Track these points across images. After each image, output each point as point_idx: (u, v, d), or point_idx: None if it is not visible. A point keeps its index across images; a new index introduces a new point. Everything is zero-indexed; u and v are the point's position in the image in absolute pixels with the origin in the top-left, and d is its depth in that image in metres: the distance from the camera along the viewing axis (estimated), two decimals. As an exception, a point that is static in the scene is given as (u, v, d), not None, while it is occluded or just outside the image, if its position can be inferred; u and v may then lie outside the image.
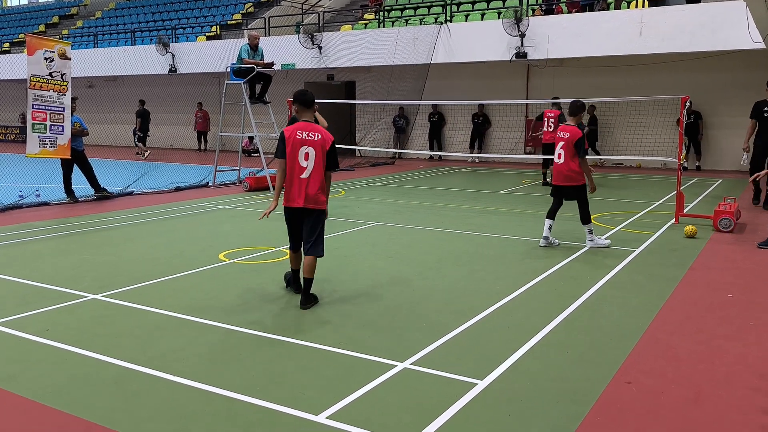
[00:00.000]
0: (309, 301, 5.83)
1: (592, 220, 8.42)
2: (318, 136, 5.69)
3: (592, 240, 8.25)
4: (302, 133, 5.68)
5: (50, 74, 11.26)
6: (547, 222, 8.31)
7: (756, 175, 8.90)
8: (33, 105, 11.07)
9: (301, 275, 5.90)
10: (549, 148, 13.49)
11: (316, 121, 6.33)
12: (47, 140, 11.27)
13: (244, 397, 3.98)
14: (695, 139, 17.67)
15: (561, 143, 8.21)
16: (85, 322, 5.41)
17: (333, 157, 5.80)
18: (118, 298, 6.03)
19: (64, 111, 11.48)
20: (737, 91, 17.32)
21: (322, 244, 5.87)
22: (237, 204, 11.89)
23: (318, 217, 5.82)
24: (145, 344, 4.89)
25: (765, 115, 11.20)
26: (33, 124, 11.09)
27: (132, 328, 5.26)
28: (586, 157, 8.24)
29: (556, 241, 8.41)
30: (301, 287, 5.96)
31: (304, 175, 5.68)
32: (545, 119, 13.99)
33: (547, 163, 14.33)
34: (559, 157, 8.24)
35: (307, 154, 5.67)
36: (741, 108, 16.07)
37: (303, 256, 5.89)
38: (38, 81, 11.10)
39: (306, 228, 5.82)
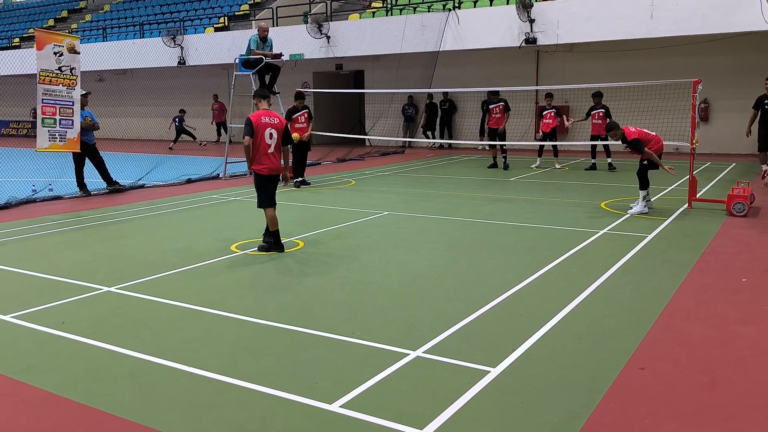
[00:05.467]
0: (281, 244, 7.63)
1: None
2: (277, 120, 7.43)
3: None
4: (265, 118, 7.36)
5: (59, 69, 11.29)
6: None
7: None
8: (42, 100, 11.12)
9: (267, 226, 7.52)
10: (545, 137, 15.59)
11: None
12: (57, 134, 11.32)
13: (258, 386, 4.01)
14: None
15: None
16: (100, 314, 5.46)
17: (287, 135, 7.56)
18: (132, 290, 6.08)
19: (73, 105, 11.52)
20: (750, 74, 17.11)
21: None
22: (248, 195, 11.91)
23: (278, 179, 7.66)
24: (159, 336, 4.93)
25: (766, 107, 12.25)
26: (43, 119, 11.14)
27: (146, 319, 5.30)
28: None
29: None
30: (282, 247, 7.46)
31: (270, 150, 7.37)
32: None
33: (541, 150, 16.03)
34: None
35: (271, 134, 7.34)
36: (753, 90, 15.87)
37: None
38: (47, 75, 11.14)
39: (274, 189, 7.57)
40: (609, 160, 14.76)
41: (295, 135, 12.49)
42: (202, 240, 8.21)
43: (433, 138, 21.99)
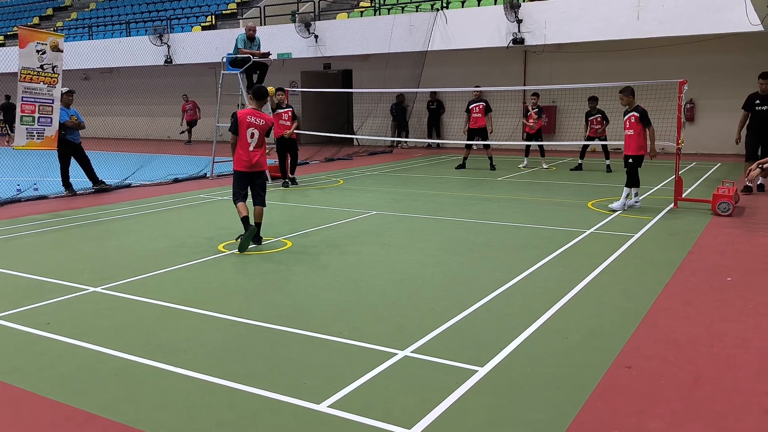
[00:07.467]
0: (260, 238, 7.76)
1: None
2: (262, 121, 7.62)
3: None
4: (251, 118, 7.56)
5: (41, 67, 11.16)
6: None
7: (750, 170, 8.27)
8: (22, 97, 11.00)
9: (254, 221, 7.61)
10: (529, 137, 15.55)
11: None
12: (35, 132, 11.20)
13: (245, 387, 3.99)
14: None
15: None
16: (86, 314, 5.42)
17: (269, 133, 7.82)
18: (118, 290, 6.04)
19: (53, 103, 11.39)
20: (735, 74, 17.27)
21: (266, 196, 7.90)
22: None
23: (264, 177, 7.82)
24: (146, 336, 4.90)
25: (757, 108, 11.23)
26: (21, 117, 11.01)
27: (133, 320, 5.26)
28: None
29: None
30: (252, 228, 7.51)
31: (250, 148, 7.55)
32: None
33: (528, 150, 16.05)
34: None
35: (253, 133, 7.53)
36: (738, 90, 16.01)
37: (254, 206, 7.70)
38: (29, 73, 11.02)
39: (256, 186, 7.73)
40: (607, 162, 14.74)
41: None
42: (189, 240, 8.17)
43: (403, 138, 22.04)
